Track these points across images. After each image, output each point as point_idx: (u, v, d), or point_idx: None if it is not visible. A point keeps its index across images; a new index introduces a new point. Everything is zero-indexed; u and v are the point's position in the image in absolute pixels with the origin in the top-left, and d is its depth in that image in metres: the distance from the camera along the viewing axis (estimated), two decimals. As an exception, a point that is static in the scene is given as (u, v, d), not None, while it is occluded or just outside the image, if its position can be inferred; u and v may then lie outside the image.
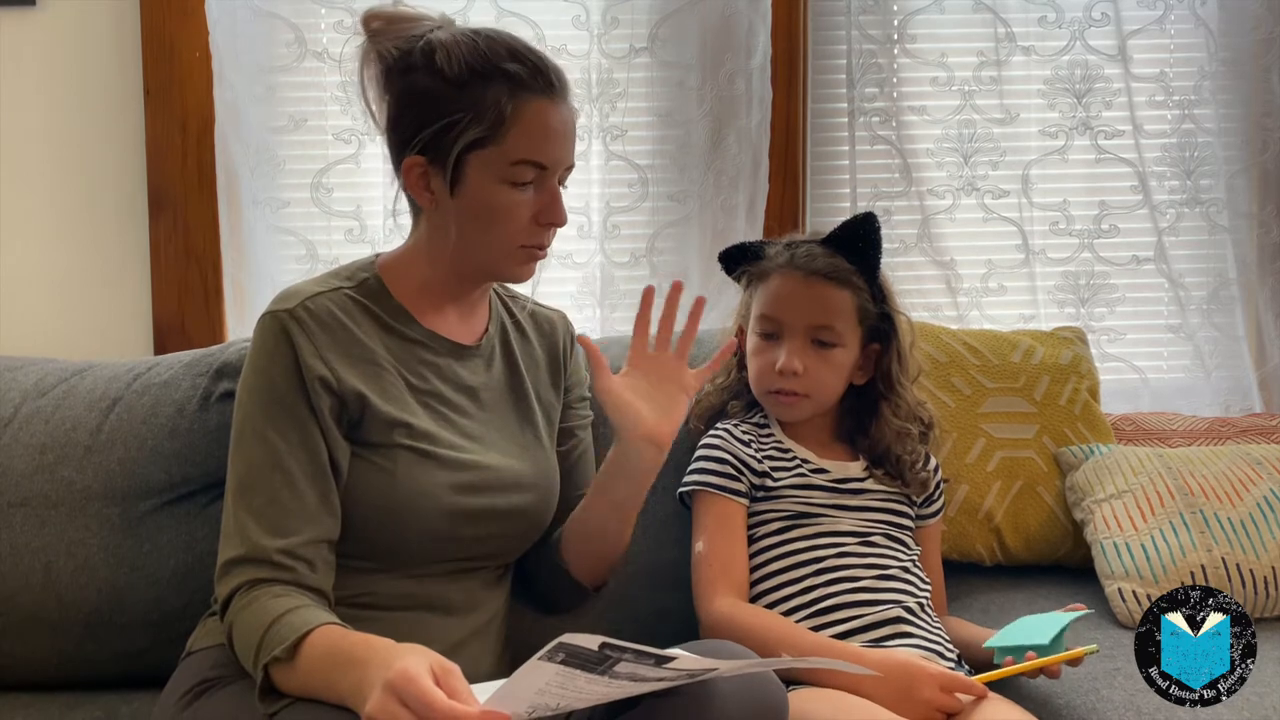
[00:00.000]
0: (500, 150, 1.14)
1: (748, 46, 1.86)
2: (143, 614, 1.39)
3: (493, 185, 1.15)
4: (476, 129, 1.13)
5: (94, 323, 1.83)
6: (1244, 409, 1.95)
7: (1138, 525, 1.53)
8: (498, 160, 1.14)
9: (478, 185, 1.15)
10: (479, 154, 1.14)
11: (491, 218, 1.16)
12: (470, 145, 1.14)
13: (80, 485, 1.41)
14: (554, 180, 1.18)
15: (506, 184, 1.15)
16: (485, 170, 1.15)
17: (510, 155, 1.14)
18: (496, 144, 1.14)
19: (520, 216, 1.17)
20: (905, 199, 1.94)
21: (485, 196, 1.15)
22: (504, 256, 1.19)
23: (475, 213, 1.16)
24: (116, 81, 1.81)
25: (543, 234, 1.19)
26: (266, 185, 1.83)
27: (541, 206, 1.17)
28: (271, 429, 1.12)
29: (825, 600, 1.29)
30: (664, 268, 1.91)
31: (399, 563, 1.18)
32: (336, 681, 0.99)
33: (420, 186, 1.18)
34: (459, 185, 1.16)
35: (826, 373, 1.36)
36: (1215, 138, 1.94)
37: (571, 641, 0.83)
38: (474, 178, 1.15)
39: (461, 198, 1.16)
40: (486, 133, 1.13)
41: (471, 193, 1.16)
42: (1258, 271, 1.97)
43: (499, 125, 1.13)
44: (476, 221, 1.17)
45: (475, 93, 1.13)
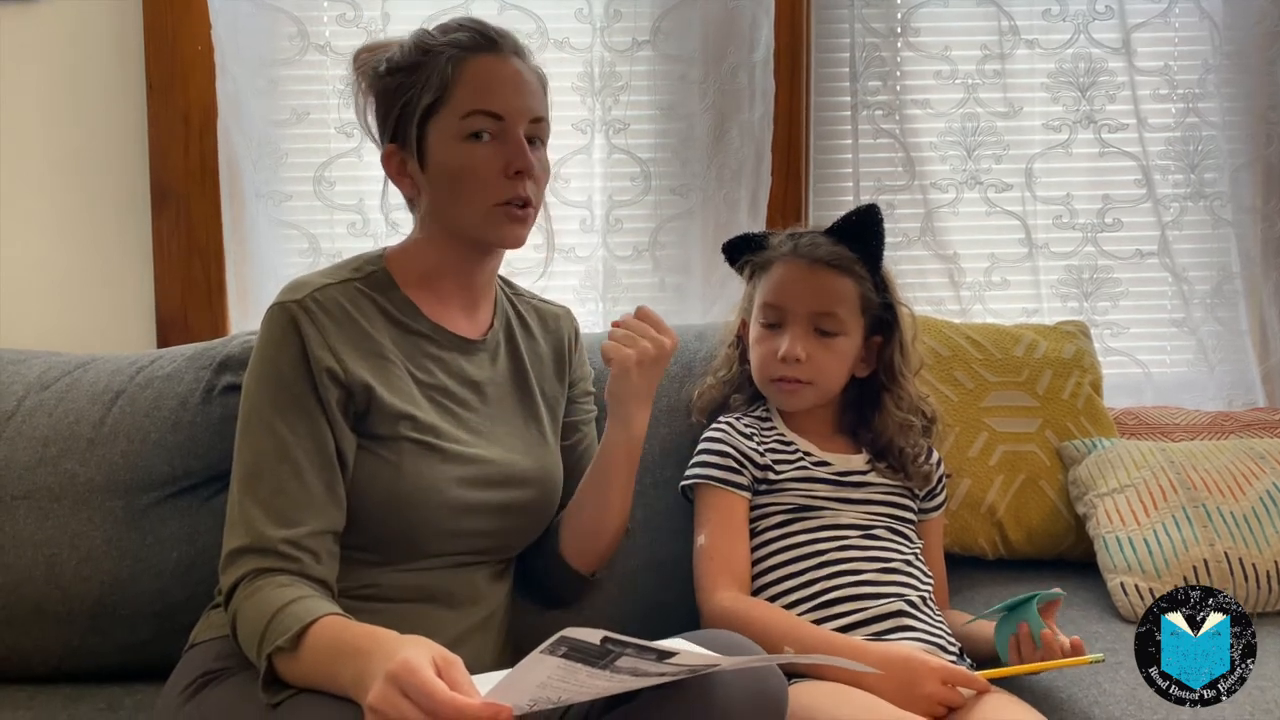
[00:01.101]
0: (450, 109, 1.18)
1: (750, 40, 1.85)
2: (146, 606, 1.40)
3: (452, 145, 1.18)
4: (427, 97, 1.18)
5: (97, 316, 1.83)
6: (1247, 403, 1.95)
7: (1140, 519, 1.53)
8: (449, 118, 1.18)
9: (440, 150, 1.18)
10: (434, 120, 1.18)
11: (459, 178, 1.18)
12: (424, 114, 1.18)
13: (83, 478, 1.41)
14: (516, 130, 1.19)
15: (464, 140, 1.18)
16: (443, 134, 1.18)
17: (459, 109, 1.18)
18: (446, 104, 1.18)
19: (487, 170, 1.18)
20: (908, 192, 1.93)
21: (448, 158, 1.18)
22: (483, 218, 1.19)
23: (445, 179, 1.19)
24: (118, 75, 1.81)
25: (515, 187, 1.18)
26: (269, 178, 1.83)
27: (505, 158, 1.18)
28: (279, 419, 1.13)
29: (827, 593, 1.29)
30: (666, 262, 1.91)
31: (403, 555, 1.18)
32: (339, 672, 0.99)
33: (400, 174, 1.22)
34: (425, 158, 1.19)
35: (829, 360, 1.36)
36: (1219, 131, 1.94)
37: (574, 635, 0.83)
38: (435, 144, 1.19)
39: (430, 169, 1.19)
40: (436, 96, 1.18)
41: (437, 160, 1.19)
42: (1261, 266, 1.96)
43: (444, 87, 1.17)
44: (448, 187, 1.19)
45: (423, 68, 1.18)
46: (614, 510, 1.29)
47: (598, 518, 1.29)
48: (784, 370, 1.36)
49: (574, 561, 1.31)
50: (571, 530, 1.30)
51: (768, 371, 1.38)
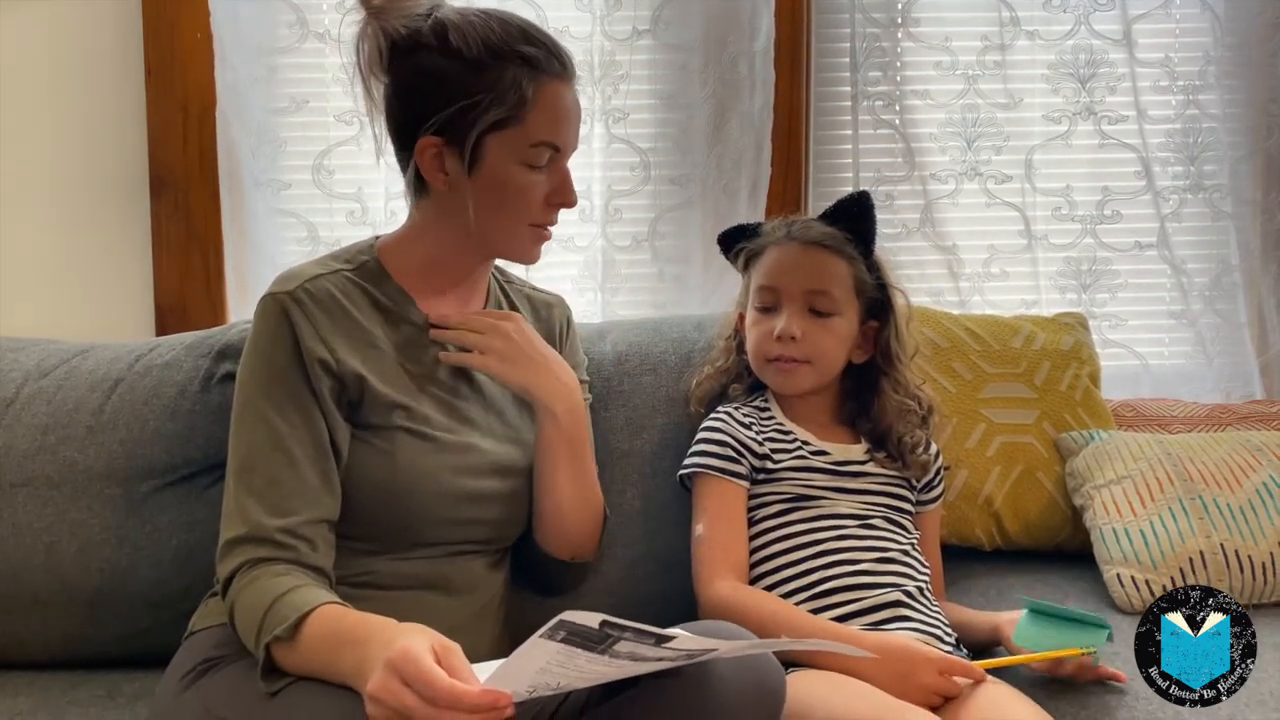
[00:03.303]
0: (522, 131, 1.15)
1: (751, 29, 1.85)
2: (144, 594, 1.40)
3: (511, 166, 1.16)
4: (498, 110, 1.14)
5: (95, 305, 1.83)
6: (1245, 395, 1.95)
7: (1137, 511, 1.53)
8: (518, 141, 1.16)
9: (497, 166, 1.16)
10: (499, 135, 1.15)
11: (507, 198, 1.17)
12: (491, 126, 1.15)
13: (82, 466, 1.42)
14: (565, 162, 1.20)
15: (524, 165, 1.17)
16: (505, 151, 1.16)
17: (531, 137, 1.16)
18: (517, 125, 1.15)
19: (535, 197, 1.18)
20: (908, 183, 1.93)
21: (504, 177, 1.17)
22: (516, 236, 1.21)
23: (492, 193, 1.17)
24: (118, 63, 1.80)
25: (552, 214, 1.21)
26: (268, 167, 1.83)
27: (554, 187, 1.20)
28: (272, 410, 1.13)
29: (824, 583, 1.29)
30: (665, 252, 1.91)
31: (398, 544, 1.18)
32: (338, 661, 0.99)
33: (435, 167, 1.18)
34: (477, 166, 1.16)
35: (826, 338, 1.36)
36: (1220, 123, 1.94)
37: (572, 619, 0.84)
38: (493, 158, 1.16)
39: (479, 178, 1.17)
40: (508, 114, 1.14)
41: (489, 173, 1.16)
42: (1260, 258, 1.96)
43: (520, 107, 1.14)
44: (492, 201, 1.17)
45: (494, 74, 1.14)
46: (564, 493, 1.25)
47: (553, 501, 1.26)
48: (780, 349, 1.36)
49: (550, 548, 1.29)
50: (538, 517, 1.28)
51: (764, 351, 1.38)
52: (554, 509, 1.27)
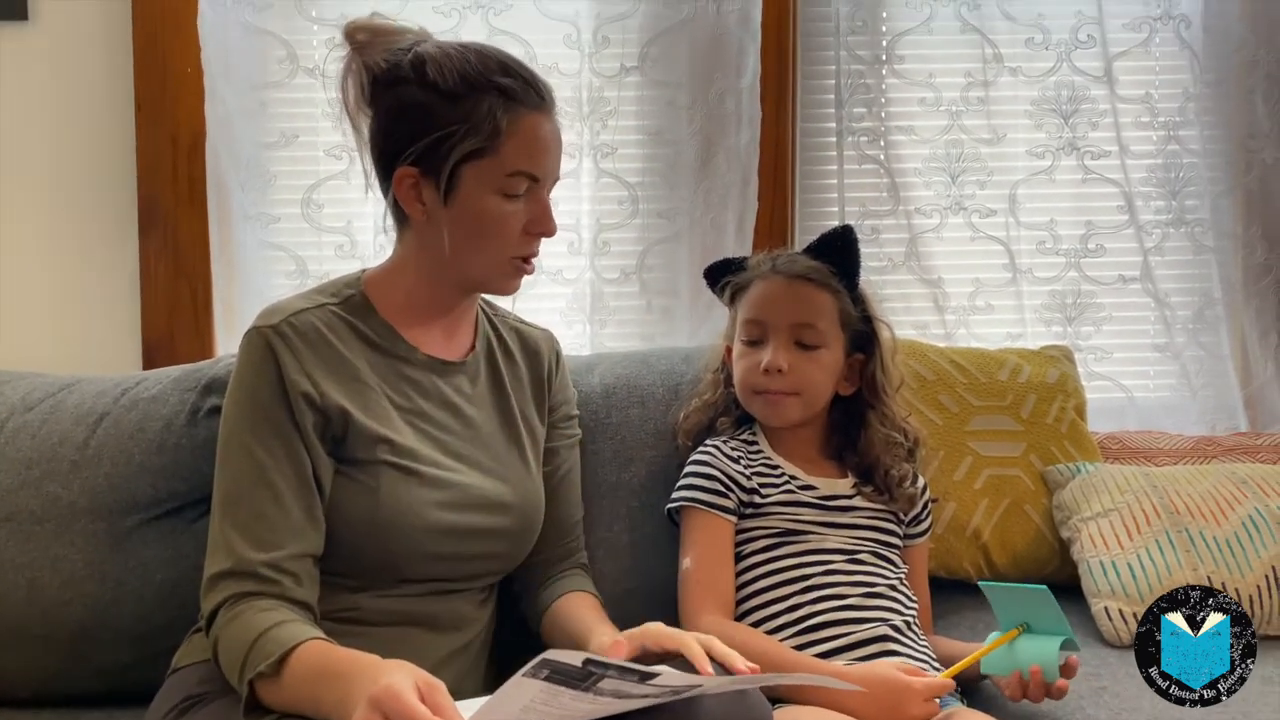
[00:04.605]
0: (496, 161, 1.16)
1: (737, 66, 1.87)
2: (128, 630, 1.39)
3: (487, 196, 1.17)
4: (473, 140, 1.14)
5: (83, 338, 1.82)
6: (1229, 428, 1.96)
7: (1124, 544, 1.53)
8: (494, 171, 1.16)
9: (472, 196, 1.17)
10: (475, 165, 1.16)
11: (484, 228, 1.18)
12: (466, 156, 1.15)
13: (66, 500, 1.41)
14: (544, 191, 1.20)
15: (500, 195, 1.17)
16: (480, 181, 1.16)
17: (506, 167, 1.16)
18: (493, 155, 1.15)
19: (512, 227, 1.18)
20: (893, 217, 1.95)
21: (479, 207, 1.17)
22: (494, 267, 1.20)
23: (468, 223, 1.17)
24: (108, 96, 1.81)
25: (531, 244, 1.21)
26: (257, 200, 1.83)
27: (532, 217, 1.19)
28: (257, 443, 1.12)
29: (812, 618, 1.29)
30: (653, 284, 1.92)
31: (383, 580, 1.18)
32: (322, 697, 0.98)
33: (412, 198, 1.18)
34: (452, 196, 1.17)
35: (813, 370, 1.37)
36: (1200, 159, 1.96)
37: (555, 658, 0.83)
38: (468, 188, 1.16)
39: (455, 208, 1.17)
40: (483, 144, 1.15)
41: (465, 203, 1.17)
42: (1243, 291, 1.98)
43: (495, 137, 1.15)
44: (469, 232, 1.18)
45: (469, 105, 1.14)
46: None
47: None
48: (767, 382, 1.36)
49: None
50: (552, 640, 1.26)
51: (751, 384, 1.38)
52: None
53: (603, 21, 1.86)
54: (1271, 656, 1.41)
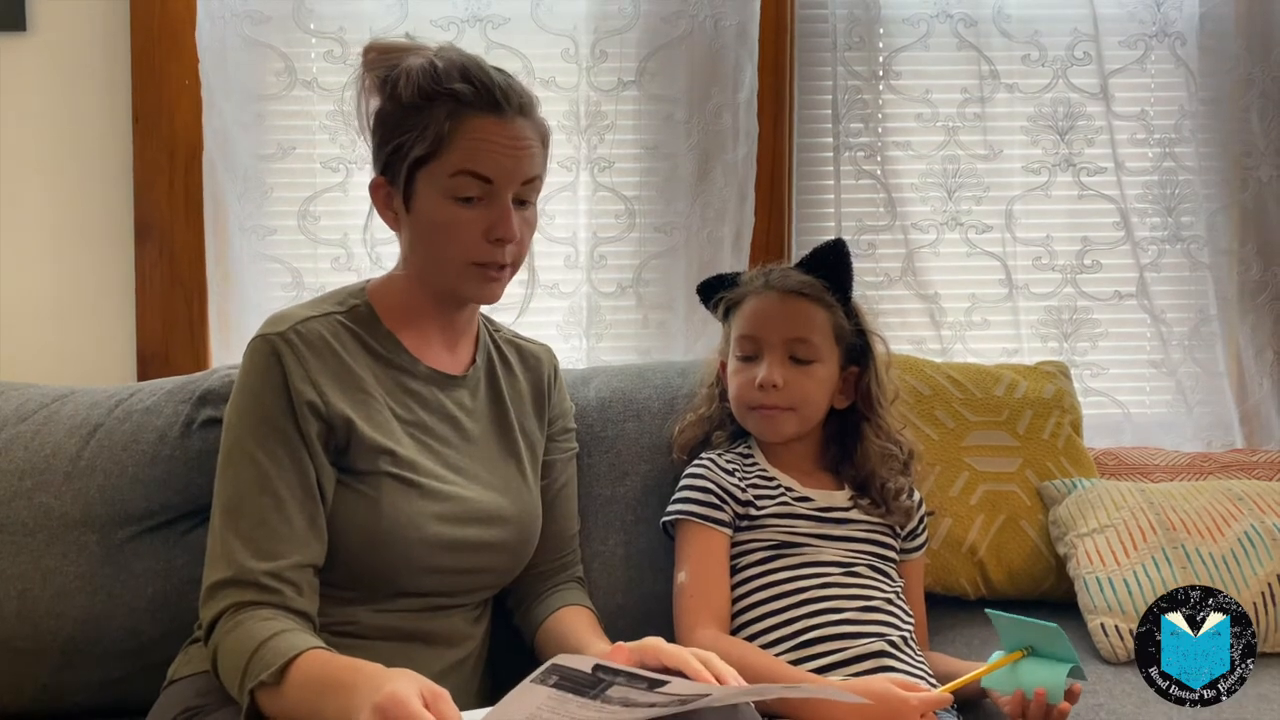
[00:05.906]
0: (440, 165, 1.17)
1: (735, 81, 1.88)
2: (120, 642, 1.38)
3: (438, 200, 1.17)
4: (420, 147, 1.16)
5: (78, 349, 1.82)
6: (1225, 444, 1.96)
7: (1120, 560, 1.53)
8: (439, 174, 1.17)
9: (426, 201, 1.18)
10: (425, 170, 1.17)
11: (438, 233, 1.18)
12: (416, 162, 1.17)
13: (59, 512, 1.40)
14: (505, 196, 1.18)
15: (451, 199, 1.17)
16: (431, 186, 1.17)
17: (449, 168, 1.17)
18: (437, 159, 1.17)
19: (467, 232, 1.17)
20: (889, 233, 1.95)
21: (432, 212, 1.18)
22: (457, 273, 1.20)
23: (426, 229, 1.19)
24: (105, 107, 1.81)
25: (495, 251, 1.19)
26: (254, 212, 1.83)
27: (489, 223, 1.18)
28: (261, 451, 1.12)
29: (808, 633, 1.28)
30: (650, 298, 1.92)
31: (380, 593, 1.17)
32: (323, 706, 0.98)
33: (385, 206, 1.22)
34: (411, 202, 1.19)
35: (808, 385, 1.37)
36: (1196, 175, 1.97)
37: (564, 663, 0.83)
38: (422, 194, 1.18)
39: (414, 215, 1.19)
40: (429, 149, 1.16)
41: (421, 209, 1.18)
42: (1238, 308, 1.98)
43: (439, 141, 1.16)
44: (428, 238, 1.19)
45: (422, 114, 1.16)
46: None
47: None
48: (762, 398, 1.36)
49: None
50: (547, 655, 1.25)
51: (746, 399, 1.38)
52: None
53: (601, 36, 1.87)
54: (1267, 674, 1.41)
